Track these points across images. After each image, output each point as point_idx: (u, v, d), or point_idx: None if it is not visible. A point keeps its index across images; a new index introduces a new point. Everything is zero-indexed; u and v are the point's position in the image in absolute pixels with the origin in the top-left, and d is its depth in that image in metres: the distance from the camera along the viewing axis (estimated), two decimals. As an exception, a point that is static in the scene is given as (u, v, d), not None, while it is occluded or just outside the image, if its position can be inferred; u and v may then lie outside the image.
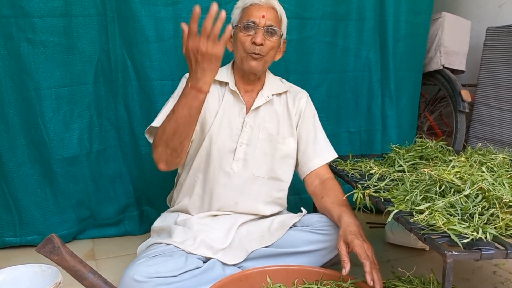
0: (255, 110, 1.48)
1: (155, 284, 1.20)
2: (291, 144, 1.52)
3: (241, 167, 1.46)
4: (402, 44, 2.24)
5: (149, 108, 1.90)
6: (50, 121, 1.80)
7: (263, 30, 1.39)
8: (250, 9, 1.41)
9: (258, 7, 1.40)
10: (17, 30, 1.69)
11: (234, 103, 1.48)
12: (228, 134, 1.46)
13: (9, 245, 1.89)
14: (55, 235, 1.03)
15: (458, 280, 1.61)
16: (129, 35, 1.83)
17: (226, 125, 1.46)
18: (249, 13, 1.41)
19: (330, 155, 1.56)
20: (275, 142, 1.50)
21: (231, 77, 1.49)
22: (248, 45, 1.39)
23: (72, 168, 1.89)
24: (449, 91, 2.53)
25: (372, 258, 1.15)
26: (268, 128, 1.50)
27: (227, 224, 1.46)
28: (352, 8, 2.12)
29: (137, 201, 2.06)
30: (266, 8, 1.40)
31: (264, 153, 1.49)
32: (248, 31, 1.40)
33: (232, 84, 1.48)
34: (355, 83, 2.22)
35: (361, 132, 2.30)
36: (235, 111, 1.47)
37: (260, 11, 1.39)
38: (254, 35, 1.38)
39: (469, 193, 1.07)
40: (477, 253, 0.90)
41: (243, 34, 1.40)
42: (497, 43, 2.40)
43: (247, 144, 1.47)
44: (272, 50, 1.43)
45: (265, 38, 1.39)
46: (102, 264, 1.77)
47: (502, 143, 2.32)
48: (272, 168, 1.50)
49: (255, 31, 1.39)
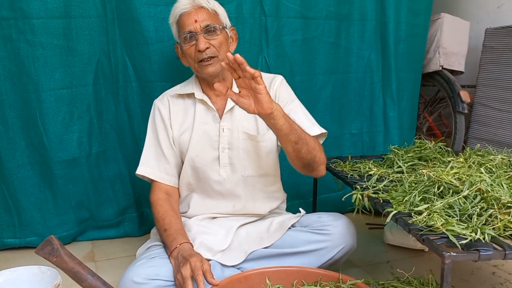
0: (229, 111, 1.45)
1: (154, 286, 1.20)
2: (271, 138, 1.48)
3: (230, 172, 1.45)
4: (402, 45, 2.24)
5: (149, 110, 1.88)
6: (49, 123, 1.80)
7: (203, 33, 1.36)
8: (182, 19, 1.38)
9: (187, 14, 1.37)
10: (17, 32, 1.69)
11: (206, 112, 1.46)
12: (208, 143, 1.45)
13: (9, 246, 1.90)
14: (54, 236, 1.03)
15: (457, 281, 1.61)
16: (129, 36, 1.83)
17: (203, 135, 1.44)
18: (182, 24, 1.38)
19: (314, 130, 1.42)
20: (256, 141, 1.47)
21: (196, 87, 1.48)
22: (196, 55, 1.37)
23: (72, 170, 1.89)
24: (448, 92, 2.53)
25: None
26: (246, 127, 1.46)
27: (226, 226, 1.46)
28: (354, 8, 2.12)
29: (137, 202, 2.06)
30: (195, 11, 1.37)
31: (248, 153, 1.46)
32: (189, 41, 1.37)
33: (199, 93, 1.46)
34: (357, 84, 2.22)
35: (363, 133, 2.29)
36: (209, 119, 1.46)
37: (190, 17, 1.36)
38: (196, 42, 1.36)
39: (468, 194, 1.07)
40: (475, 254, 0.90)
41: (187, 46, 1.38)
42: (496, 44, 2.40)
43: (229, 148, 1.45)
44: (222, 46, 1.39)
45: (208, 40, 1.36)
46: (102, 266, 1.77)
47: (501, 144, 2.32)
48: (259, 165, 1.48)
49: (195, 38, 1.36)
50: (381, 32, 2.21)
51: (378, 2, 2.16)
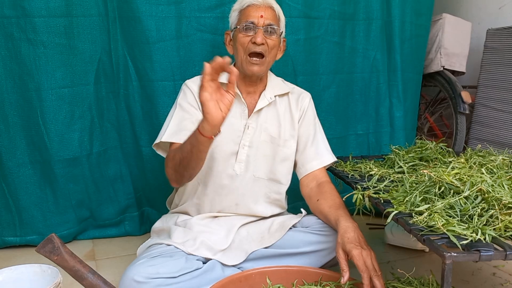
0: (257, 112, 1.48)
1: (155, 285, 1.20)
2: (292, 147, 1.52)
3: (244, 169, 1.46)
4: (407, 45, 2.24)
5: (150, 109, 1.91)
6: (50, 121, 1.80)
7: (263, 30, 1.39)
8: (248, 10, 1.41)
9: (255, 7, 1.40)
10: (18, 31, 1.69)
11: (236, 105, 1.47)
12: (230, 136, 1.45)
13: (9, 245, 1.90)
14: (55, 235, 1.03)
15: (458, 282, 1.61)
16: (131, 35, 1.83)
17: (228, 127, 1.45)
18: (247, 14, 1.41)
19: (328, 158, 1.54)
20: (276, 145, 1.49)
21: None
22: (249, 45, 1.39)
23: (73, 169, 1.89)
24: (450, 92, 2.53)
25: (373, 266, 1.13)
26: (269, 130, 1.49)
27: (227, 225, 1.46)
28: (359, 7, 2.11)
29: (138, 201, 2.06)
30: (264, 8, 1.40)
31: (265, 155, 1.49)
32: (247, 32, 1.40)
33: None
34: (363, 85, 2.21)
35: (369, 134, 2.28)
36: (237, 113, 1.47)
37: (258, 11, 1.40)
38: (254, 35, 1.38)
39: (469, 194, 1.07)
40: (476, 254, 0.90)
41: (243, 35, 1.40)
42: (498, 44, 2.40)
43: (249, 146, 1.47)
44: (274, 49, 1.43)
45: (265, 38, 1.39)
46: (102, 265, 1.77)
47: (502, 144, 2.32)
48: (271, 169, 1.50)
49: (254, 31, 1.39)
50: (387, 32, 2.19)
51: (384, 1, 2.15)
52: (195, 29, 1.88)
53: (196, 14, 1.86)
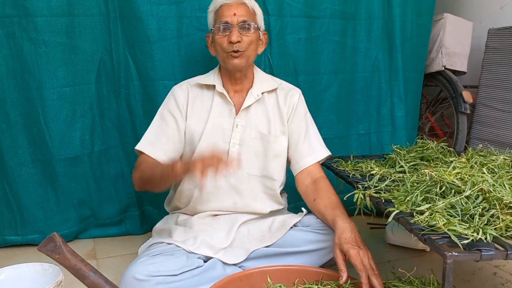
0: (245, 109, 1.48)
1: (155, 283, 1.21)
2: (282, 143, 1.51)
3: (236, 168, 1.47)
4: (408, 44, 2.23)
5: (151, 108, 1.90)
6: (52, 120, 1.80)
7: (238, 27, 1.40)
8: (221, 10, 1.42)
9: (227, 6, 1.41)
10: (20, 30, 1.70)
11: (223, 105, 1.49)
12: (220, 136, 1.47)
13: (11, 243, 1.90)
14: (57, 234, 1.03)
15: (459, 281, 1.61)
16: (132, 34, 1.83)
17: (217, 127, 1.47)
18: (221, 14, 1.42)
19: (322, 153, 1.53)
20: (267, 142, 1.49)
21: (218, 79, 1.50)
22: (226, 45, 1.40)
23: (74, 168, 1.89)
24: (451, 92, 2.53)
25: (370, 265, 1.14)
26: (259, 127, 1.49)
27: (228, 223, 1.46)
28: (360, 7, 2.11)
29: (138, 201, 2.06)
30: (236, 6, 1.41)
31: (256, 152, 1.49)
32: (224, 32, 1.41)
33: (219, 86, 1.48)
34: (365, 84, 2.21)
35: (371, 134, 2.28)
36: (225, 113, 1.48)
37: (230, 9, 1.41)
38: (229, 34, 1.40)
39: (470, 194, 1.06)
40: (477, 254, 0.90)
41: (220, 36, 1.42)
42: (499, 44, 2.40)
43: (240, 144, 1.47)
44: (252, 44, 1.43)
45: (241, 35, 1.40)
46: (103, 263, 1.78)
47: (503, 144, 2.32)
48: (264, 166, 1.50)
49: (230, 30, 1.40)
50: (388, 31, 2.19)
51: (385, 0, 2.15)
52: (196, 29, 1.88)
53: (197, 14, 1.86)
